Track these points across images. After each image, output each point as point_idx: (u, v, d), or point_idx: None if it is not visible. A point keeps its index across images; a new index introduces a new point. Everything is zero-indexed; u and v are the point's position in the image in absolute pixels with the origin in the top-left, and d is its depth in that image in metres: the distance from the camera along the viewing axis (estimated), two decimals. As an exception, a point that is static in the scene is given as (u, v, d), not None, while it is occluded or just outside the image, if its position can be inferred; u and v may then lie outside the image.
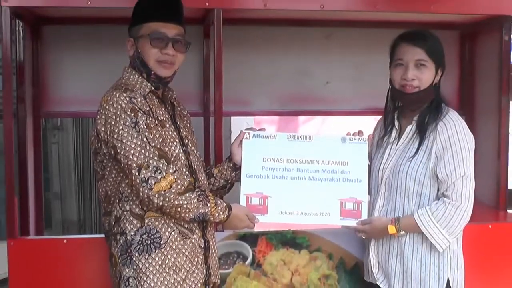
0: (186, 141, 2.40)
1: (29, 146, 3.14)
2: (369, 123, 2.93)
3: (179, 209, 2.18)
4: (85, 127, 6.15)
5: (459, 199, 2.37)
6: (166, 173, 2.16)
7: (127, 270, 2.25)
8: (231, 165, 2.58)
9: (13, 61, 2.85)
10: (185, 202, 2.18)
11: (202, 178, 2.44)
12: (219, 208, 2.27)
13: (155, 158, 2.16)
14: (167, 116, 2.36)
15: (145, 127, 2.18)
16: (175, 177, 2.18)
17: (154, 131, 2.22)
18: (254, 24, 3.42)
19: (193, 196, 2.20)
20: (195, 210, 2.21)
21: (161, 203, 2.15)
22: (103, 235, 2.40)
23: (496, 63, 3.43)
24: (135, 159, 2.14)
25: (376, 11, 3.07)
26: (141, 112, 2.20)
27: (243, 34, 3.39)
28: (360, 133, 2.60)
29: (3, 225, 2.74)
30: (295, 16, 3.33)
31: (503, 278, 3.11)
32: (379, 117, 2.74)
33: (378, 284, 2.54)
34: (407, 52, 2.45)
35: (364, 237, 2.53)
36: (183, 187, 2.19)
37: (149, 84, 2.32)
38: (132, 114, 2.17)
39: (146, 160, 2.15)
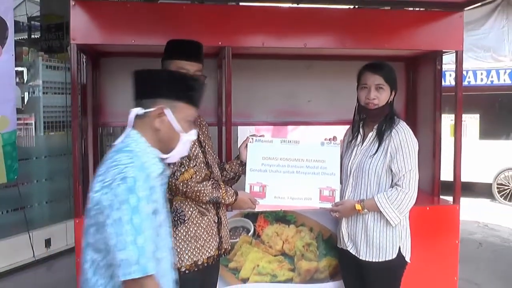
0: (204, 144, 2.39)
1: (89, 148, 3.12)
2: (340, 131, 2.91)
3: (198, 194, 2.20)
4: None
5: (407, 187, 2.36)
6: (188, 168, 2.19)
7: None
8: (239, 162, 2.58)
9: (78, 84, 2.82)
10: (202, 188, 2.20)
11: (216, 171, 2.43)
12: (228, 193, 2.29)
13: None
14: None
15: None
16: (195, 170, 2.21)
17: None
18: (255, 58, 3.39)
19: (208, 184, 2.23)
20: (210, 195, 2.23)
21: (184, 189, 2.18)
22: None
23: (431, 86, 3.43)
24: None
25: (345, 48, 3.05)
26: None
27: (246, 65, 3.35)
28: (334, 138, 2.60)
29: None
30: (285, 52, 3.30)
31: (436, 245, 3.10)
32: (347, 126, 2.72)
33: (348, 250, 2.51)
34: (370, 78, 2.44)
35: (337, 216, 2.50)
36: (200, 178, 2.21)
37: None
38: None
39: None
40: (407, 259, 2.45)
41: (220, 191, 2.27)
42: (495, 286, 4.46)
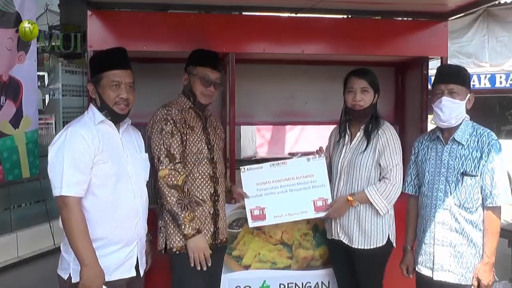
0: (212, 142, 2.38)
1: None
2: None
3: (164, 196, 2.15)
4: (143, 132, 6.12)
5: (395, 180, 2.36)
6: (164, 167, 2.16)
7: (160, 221, 2.28)
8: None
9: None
10: (168, 194, 2.13)
11: (220, 168, 2.40)
12: (192, 223, 2.15)
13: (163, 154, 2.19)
14: (199, 124, 2.35)
15: (169, 133, 2.21)
16: (169, 172, 2.15)
17: (176, 137, 2.21)
18: (256, 63, 3.36)
19: (175, 195, 2.13)
20: (172, 207, 2.13)
21: (158, 186, 2.17)
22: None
23: (419, 89, 3.39)
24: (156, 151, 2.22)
25: (339, 54, 3.05)
26: (171, 121, 2.23)
27: (249, 70, 3.33)
28: (320, 149, 2.56)
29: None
30: (285, 57, 3.28)
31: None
32: (340, 126, 2.72)
33: (341, 239, 2.50)
34: (356, 83, 2.44)
35: (335, 216, 2.48)
36: (174, 181, 2.14)
37: (189, 102, 2.35)
38: (163, 123, 2.23)
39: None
40: (394, 244, 2.48)
41: (184, 212, 2.12)
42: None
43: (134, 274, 2.05)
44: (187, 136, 2.27)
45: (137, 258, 2.07)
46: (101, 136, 1.97)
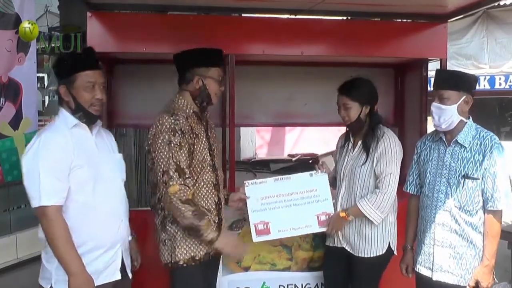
0: (213, 147, 2.30)
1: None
2: (333, 132, 2.91)
3: (177, 213, 2.06)
4: (142, 134, 6.12)
5: (386, 188, 2.34)
6: (176, 182, 2.05)
7: (163, 234, 2.17)
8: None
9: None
10: (183, 209, 2.05)
11: (220, 173, 2.35)
12: (210, 228, 2.11)
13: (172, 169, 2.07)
14: (202, 129, 2.26)
15: (177, 145, 2.09)
16: (180, 187, 2.05)
17: (184, 149, 2.10)
18: (256, 65, 3.37)
19: (190, 208, 2.05)
20: (190, 220, 2.06)
21: (168, 203, 2.06)
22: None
23: (418, 91, 3.39)
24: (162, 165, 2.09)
25: (338, 56, 3.06)
26: (179, 132, 2.10)
27: (248, 71, 3.33)
28: (322, 164, 2.57)
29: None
30: (284, 59, 3.29)
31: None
32: (339, 127, 2.73)
33: (344, 247, 2.49)
34: (339, 99, 2.48)
35: (335, 232, 2.48)
36: (184, 197, 2.05)
37: (193, 106, 2.23)
38: (171, 134, 2.09)
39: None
40: (395, 252, 2.47)
41: (203, 221, 2.07)
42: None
43: (119, 277, 1.99)
44: (195, 146, 2.17)
45: (122, 260, 2.02)
46: (75, 140, 1.91)
